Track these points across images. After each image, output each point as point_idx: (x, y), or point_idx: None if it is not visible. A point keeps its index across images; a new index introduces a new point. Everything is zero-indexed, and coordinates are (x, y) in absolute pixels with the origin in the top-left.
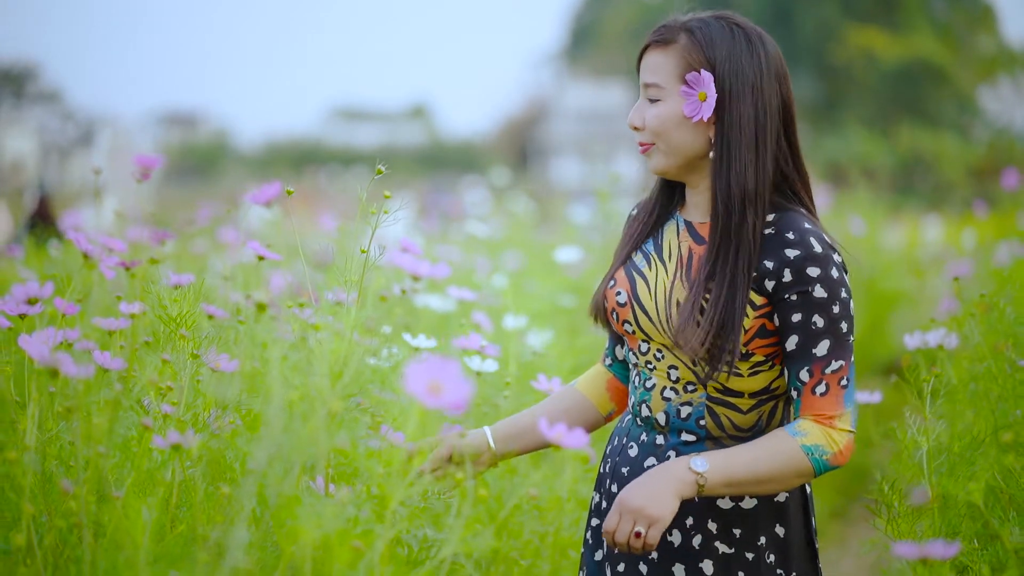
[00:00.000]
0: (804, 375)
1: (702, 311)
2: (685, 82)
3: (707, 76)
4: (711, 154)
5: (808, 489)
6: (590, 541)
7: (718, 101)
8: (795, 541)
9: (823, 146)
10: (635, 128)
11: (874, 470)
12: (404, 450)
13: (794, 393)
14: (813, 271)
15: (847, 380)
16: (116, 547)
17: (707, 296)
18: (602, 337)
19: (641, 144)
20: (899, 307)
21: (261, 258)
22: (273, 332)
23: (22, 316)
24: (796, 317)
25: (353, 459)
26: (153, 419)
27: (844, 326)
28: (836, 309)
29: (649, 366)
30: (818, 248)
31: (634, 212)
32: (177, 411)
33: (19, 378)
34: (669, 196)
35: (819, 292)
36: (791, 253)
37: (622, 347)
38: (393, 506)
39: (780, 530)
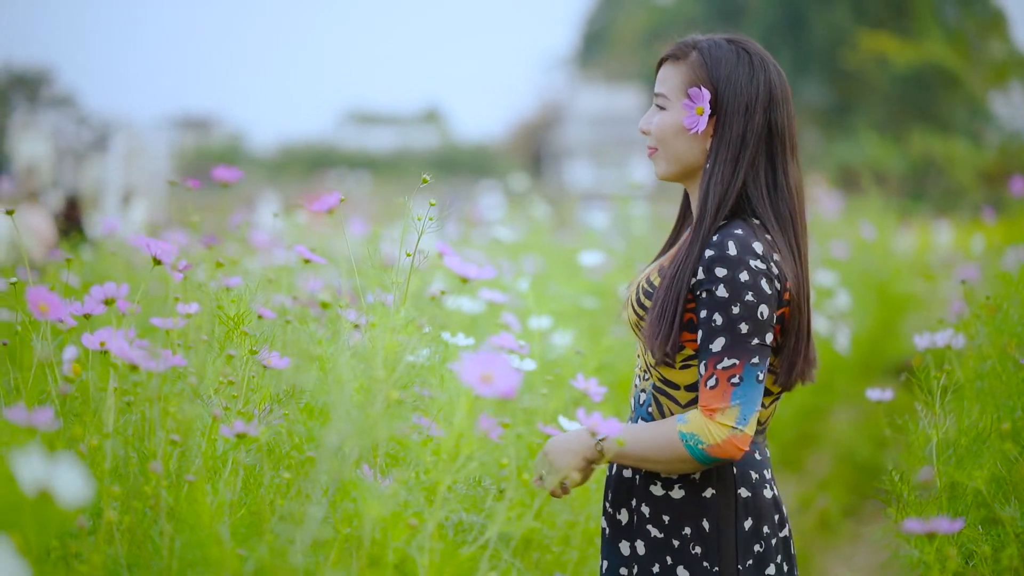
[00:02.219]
0: (702, 368)
1: (661, 304)
2: (687, 96)
3: (706, 93)
4: (707, 164)
5: (747, 493)
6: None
7: (716, 118)
8: (724, 539)
9: (834, 151)
10: (644, 132)
11: (887, 468)
12: (454, 436)
13: (699, 385)
14: (720, 271)
15: (739, 378)
16: (187, 527)
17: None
18: (621, 338)
19: (649, 148)
20: (910, 310)
21: (307, 261)
22: (328, 330)
23: (87, 316)
24: (703, 314)
25: (405, 446)
26: (224, 410)
27: (744, 327)
28: (736, 310)
29: (637, 357)
30: (732, 251)
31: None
32: (238, 403)
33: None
34: (681, 209)
35: (721, 292)
36: (707, 253)
37: None
38: (442, 490)
39: (706, 524)
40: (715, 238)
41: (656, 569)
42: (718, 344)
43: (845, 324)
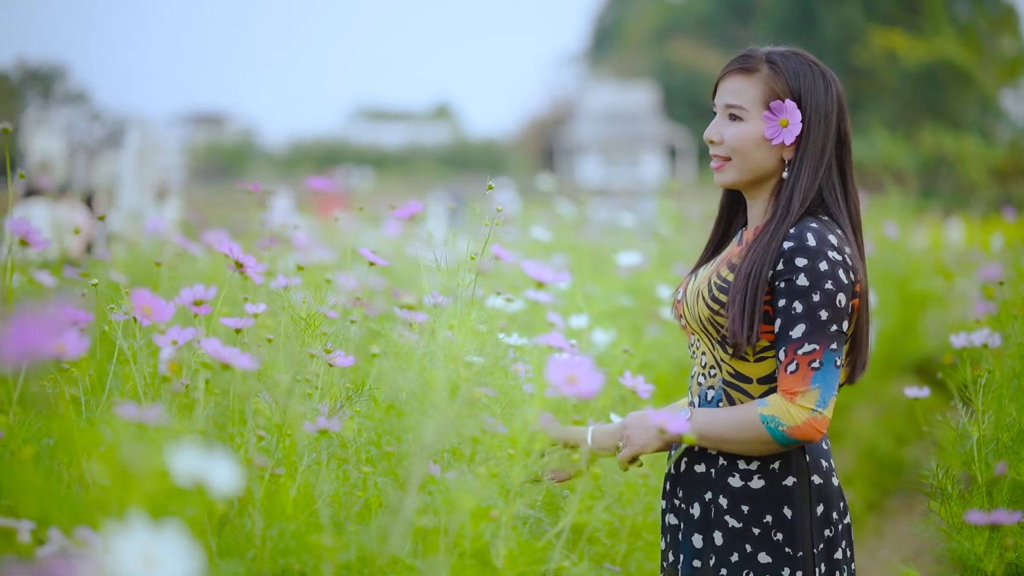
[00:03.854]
0: (781, 355)
1: (751, 300)
2: (768, 108)
3: (791, 105)
4: (784, 173)
5: (819, 480)
6: (662, 507)
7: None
8: (804, 524)
9: None
10: (712, 142)
11: (909, 464)
12: (528, 433)
13: (776, 372)
14: (800, 261)
15: (819, 363)
16: (279, 517)
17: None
18: (659, 337)
19: (716, 157)
20: (929, 308)
21: (371, 263)
22: (409, 331)
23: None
24: (782, 303)
25: (477, 442)
26: (311, 407)
27: (824, 314)
28: (816, 297)
29: (693, 355)
30: (811, 242)
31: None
32: (314, 400)
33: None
34: (734, 213)
35: (802, 280)
36: (786, 245)
37: None
38: (517, 484)
39: (787, 511)
40: (792, 231)
41: (735, 558)
42: (798, 330)
43: (872, 322)
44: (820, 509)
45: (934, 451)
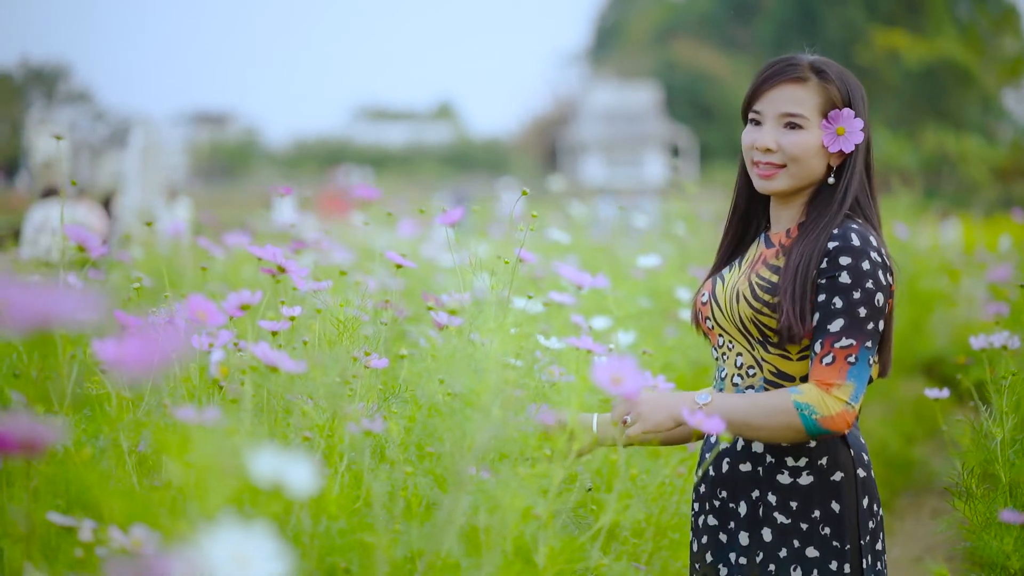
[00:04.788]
0: (817, 347)
1: (800, 297)
2: (826, 117)
3: (848, 113)
4: (831, 179)
5: (863, 473)
6: (695, 508)
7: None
8: (851, 519)
9: None
10: (768, 150)
11: (918, 464)
12: (567, 434)
13: (809, 364)
14: (844, 260)
15: (855, 358)
16: (317, 516)
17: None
18: (678, 338)
19: (770, 165)
20: (937, 308)
21: (399, 267)
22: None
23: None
24: (821, 298)
25: (524, 442)
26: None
27: (863, 311)
28: (856, 295)
29: (724, 357)
30: (856, 242)
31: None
32: (353, 401)
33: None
34: (751, 218)
35: (844, 278)
36: (831, 244)
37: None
38: (556, 483)
39: (835, 506)
40: (836, 232)
41: (783, 554)
42: (836, 325)
43: None
44: (865, 502)
45: (952, 451)
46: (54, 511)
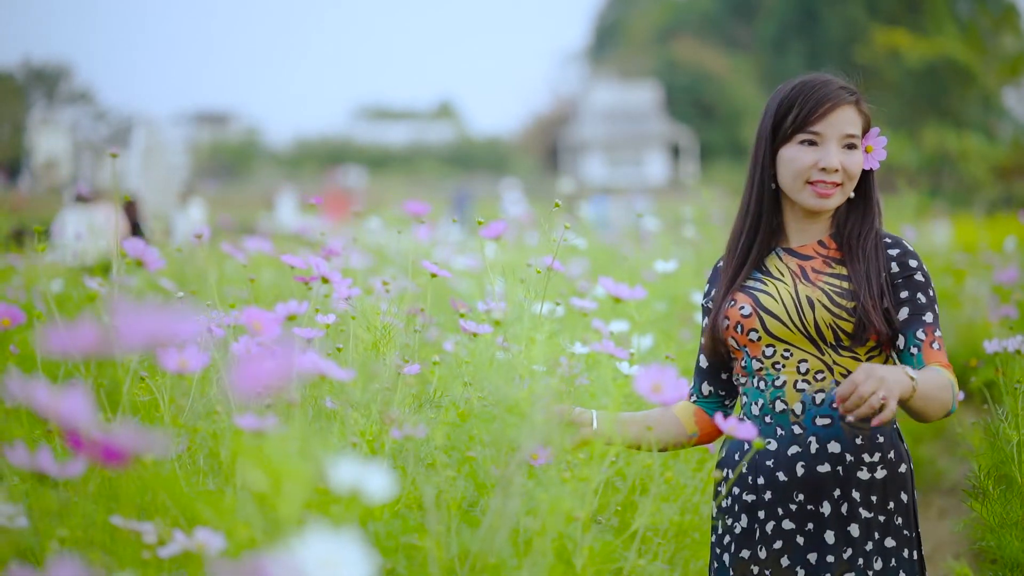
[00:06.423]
0: (920, 334)
1: (880, 298)
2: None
3: (875, 131)
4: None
5: (910, 465)
6: (720, 530)
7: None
8: (914, 508)
9: None
10: (835, 170)
11: (923, 464)
12: (604, 438)
13: (914, 349)
14: (913, 262)
15: (943, 346)
16: (363, 519)
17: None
18: (693, 343)
19: (832, 184)
20: (942, 308)
21: (433, 275)
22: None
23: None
24: (904, 294)
25: (564, 447)
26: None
27: (936, 307)
28: (931, 292)
29: (776, 366)
30: (910, 246)
31: (720, 264)
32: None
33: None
34: (759, 230)
35: (919, 277)
36: (894, 251)
37: (710, 382)
38: (593, 486)
39: (904, 496)
40: (887, 240)
41: (869, 547)
42: (929, 316)
43: None
44: (915, 492)
45: (965, 452)
46: (128, 517)
